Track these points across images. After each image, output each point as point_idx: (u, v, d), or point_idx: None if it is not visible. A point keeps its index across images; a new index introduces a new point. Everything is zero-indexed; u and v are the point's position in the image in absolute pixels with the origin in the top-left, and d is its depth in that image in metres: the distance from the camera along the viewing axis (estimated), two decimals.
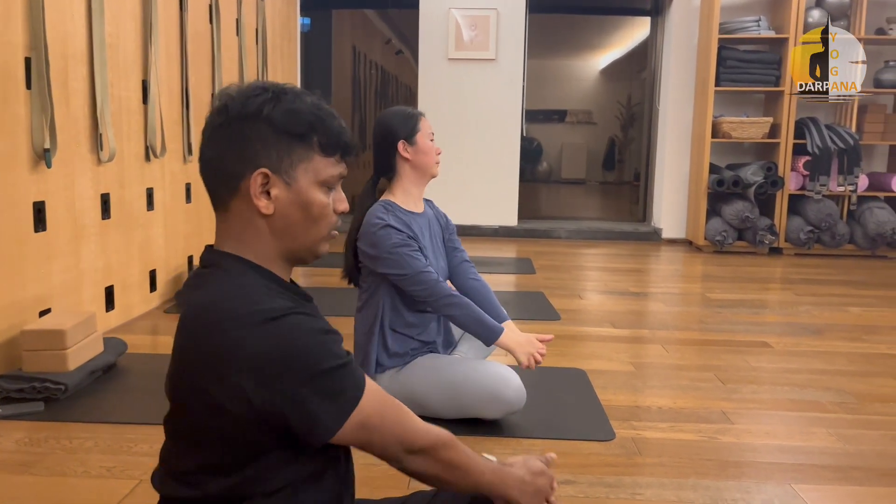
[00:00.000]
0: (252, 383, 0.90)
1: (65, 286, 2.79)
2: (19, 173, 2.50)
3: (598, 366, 2.81)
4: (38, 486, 1.80)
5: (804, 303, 4.02)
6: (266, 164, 0.97)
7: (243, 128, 0.97)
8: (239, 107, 0.97)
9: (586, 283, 4.57)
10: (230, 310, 0.92)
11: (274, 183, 0.97)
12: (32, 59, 2.52)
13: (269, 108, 0.96)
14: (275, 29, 5.39)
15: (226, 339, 0.91)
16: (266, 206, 0.98)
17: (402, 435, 0.99)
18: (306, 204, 0.99)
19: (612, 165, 11.94)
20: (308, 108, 0.98)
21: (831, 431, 2.22)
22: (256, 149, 0.97)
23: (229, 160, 0.98)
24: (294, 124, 0.97)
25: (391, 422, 0.98)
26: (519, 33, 6.25)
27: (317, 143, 0.98)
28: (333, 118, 1.00)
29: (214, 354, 0.91)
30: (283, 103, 0.97)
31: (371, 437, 0.97)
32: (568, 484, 1.84)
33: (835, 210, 5.52)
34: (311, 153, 0.98)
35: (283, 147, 0.97)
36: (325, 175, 1.00)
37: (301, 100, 0.99)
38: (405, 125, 2.20)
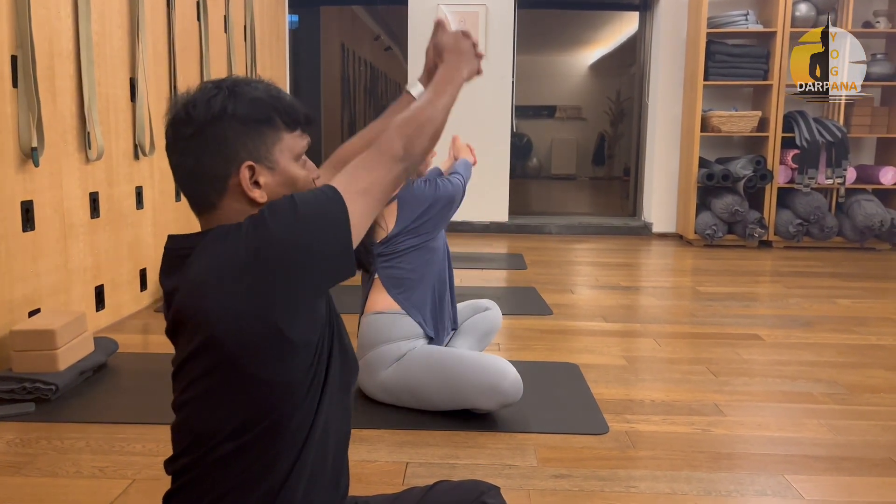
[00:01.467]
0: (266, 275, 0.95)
1: (54, 286, 2.77)
2: (6, 172, 2.48)
3: (590, 360, 2.82)
4: (30, 487, 1.78)
5: (794, 295, 4.04)
6: (248, 156, 1.01)
7: (216, 130, 1.00)
8: (203, 112, 1.00)
9: (577, 278, 4.58)
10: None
11: (259, 172, 1.01)
12: (19, 57, 2.50)
13: (232, 104, 1.00)
14: (263, 26, 5.36)
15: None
16: (260, 195, 1.01)
17: (378, 164, 1.05)
18: (292, 181, 1.04)
19: (602, 161, 11.97)
20: (263, 93, 1.03)
21: (823, 422, 2.24)
22: (235, 146, 1.00)
23: (212, 164, 1.01)
24: (258, 112, 1.01)
25: (365, 175, 1.03)
26: (508, 29, 6.24)
27: (281, 122, 1.03)
28: (286, 95, 1.06)
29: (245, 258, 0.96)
30: (241, 96, 1.01)
31: (371, 189, 1.03)
32: (562, 477, 1.84)
33: (823, 203, 5.55)
34: (279, 133, 1.03)
35: (256, 136, 1.01)
36: (298, 149, 1.06)
37: (254, 87, 1.03)
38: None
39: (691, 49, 5.91)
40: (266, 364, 0.95)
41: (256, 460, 0.98)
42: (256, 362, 0.95)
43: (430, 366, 2.17)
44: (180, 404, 1.02)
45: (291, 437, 0.99)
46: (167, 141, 1.04)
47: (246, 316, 0.93)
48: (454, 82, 1.18)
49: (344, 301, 3.74)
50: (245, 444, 0.97)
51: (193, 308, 0.96)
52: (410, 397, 2.21)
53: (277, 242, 0.94)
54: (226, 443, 0.97)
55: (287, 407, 0.98)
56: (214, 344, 0.94)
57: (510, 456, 1.96)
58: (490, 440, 2.06)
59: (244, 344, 0.94)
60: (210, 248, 0.98)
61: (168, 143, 1.03)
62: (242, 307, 0.93)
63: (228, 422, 0.97)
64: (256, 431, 0.97)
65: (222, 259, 0.95)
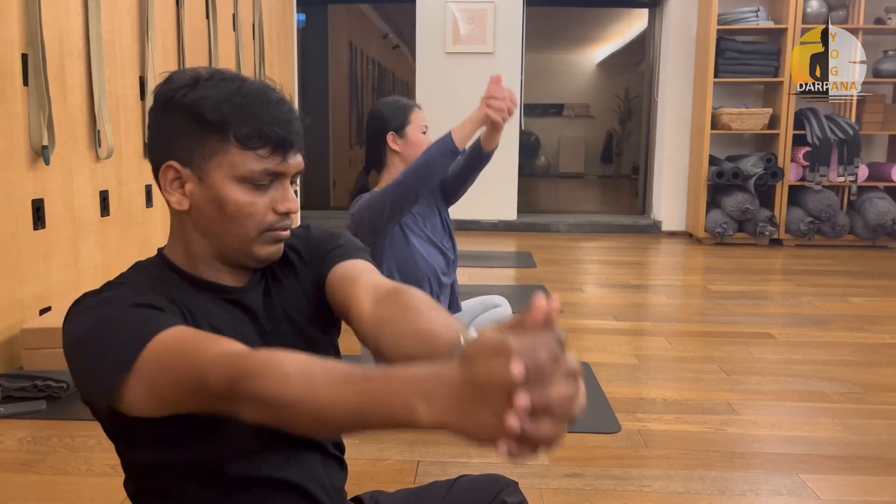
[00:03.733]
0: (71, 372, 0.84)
1: (64, 284, 2.78)
2: (17, 171, 2.49)
3: (601, 358, 2.80)
4: (42, 484, 1.79)
5: (806, 294, 4.01)
6: (177, 156, 0.89)
7: (158, 117, 0.90)
8: (156, 95, 0.90)
9: (587, 277, 4.56)
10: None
11: (186, 177, 0.89)
12: (29, 55, 2.50)
13: (182, 94, 0.87)
14: (271, 24, 5.37)
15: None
16: (178, 201, 0.90)
17: (189, 373, 0.73)
18: (219, 202, 0.88)
19: (610, 159, 11.95)
20: (227, 94, 0.87)
21: (837, 421, 2.21)
22: (169, 140, 0.89)
23: (152, 152, 0.92)
24: (206, 112, 0.86)
25: (182, 364, 0.74)
26: (516, 26, 6.22)
27: (233, 133, 0.86)
28: (263, 105, 0.87)
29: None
30: (199, 90, 0.87)
31: (172, 400, 0.76)
32: (574, 476, 1.83)
33: (835, 201, 5.51)
34: (226, 145, 0.87)
35: (196, 138, 0.87)
36: (244, 171, 0.87)
37: (223, 85, 0.88)
38: (396, 116, 2.17)
39: (701, 46, 5.87)
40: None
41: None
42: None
43: None
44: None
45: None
46: None
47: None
48: (381, 412, 0.59)
49: None
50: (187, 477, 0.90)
51: None
52: None
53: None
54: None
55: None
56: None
57: None
58: None
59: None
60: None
61: None
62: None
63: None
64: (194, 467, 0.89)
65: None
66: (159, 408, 0.78)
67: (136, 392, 0.77)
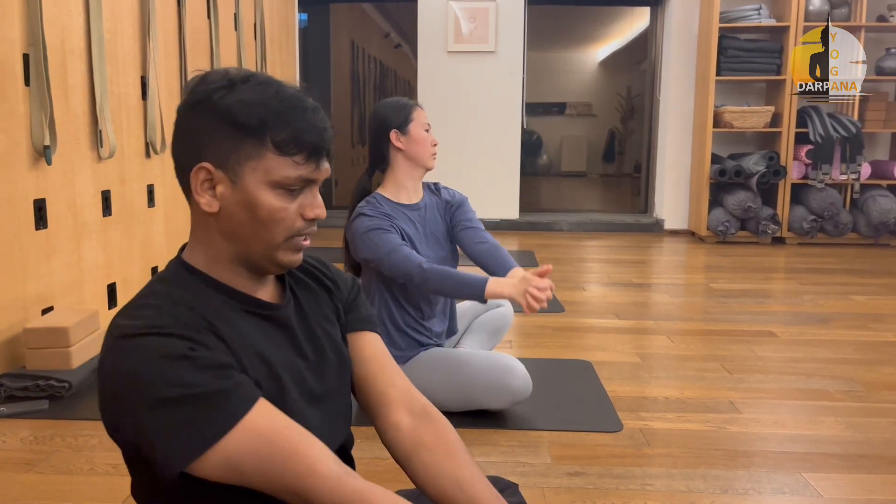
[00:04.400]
0: (102, 404, 0.84)
1: (67, 284, 2.78)
2: (19, 170, 2.49)
3: (603, 357, 2.80)
4: (44, 484, 1.79)
5: (808, 292, 4.00)
6: (211, 157, 0.88)
7: (191, 117, 0.89)
8: (190, 95, 0.89)
9: (589, 275, 4.55)
10: (113, 321, 0.87)
11: (219, 179, 0.88)
12: (31, 55, 2.50)
13: (220, 96, 0.87)
14: (273, 23, 5.37)
15: (100, 352, 0.87)
16: (208, 203, 0.89)
17: (296, 486, 0.82)
18: (252, 206, 0.88)
19: (612, 157, 11.92)
20: (266, 99, 0.87)
21: (840, 420, 2.21)
22: (202, 141, 0.88)
23: (181, 151, 0.91)
24: (245, 116, 0.86)
25: (279, 468, 0.81)
26: (518, 25, 6.22)
27: (270, 139, 0.87)
28: (300, 112, 0.88)
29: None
30: (237, 92, 0.87)
31: (250, 481, 0.82)
32: (577, 475, 1.82)
33: (837, 199, 5.50)
34: (262, 150, 0.87)
35: (232, 141, 0.87)
36: (279, 176, 0.88)
37: (261, 89, 0.88)
38: (398, 115, 2.18)
39: (703, 44, 5.86)
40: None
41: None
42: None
43: (436, 368, 2.15)
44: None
45: None
46: None
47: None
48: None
49: None
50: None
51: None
52: None
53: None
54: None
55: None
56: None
57: (524, 454, 1.95)
58: (503, 438, 2.05)
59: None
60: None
61: None
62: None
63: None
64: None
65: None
66: (231, 480, 0.82)
67: (211, 465, 0.80)
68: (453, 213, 2.32)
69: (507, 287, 1.97)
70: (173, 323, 0.84)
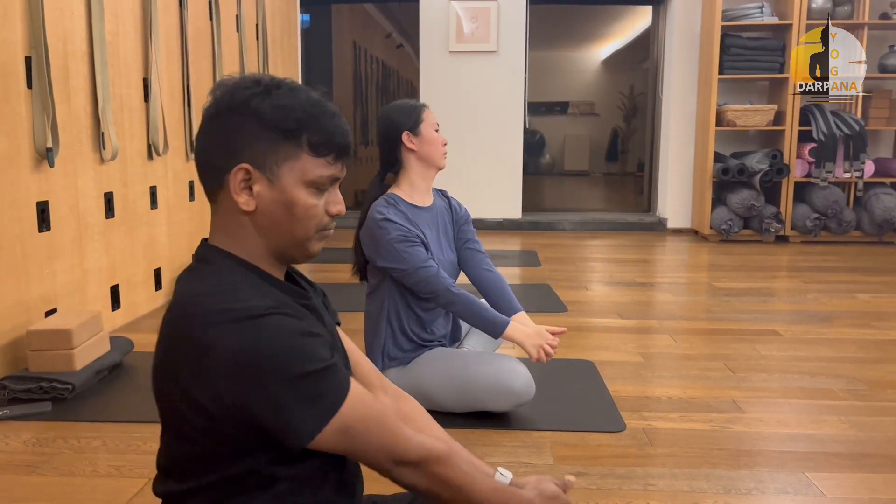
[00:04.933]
0: (225, 382, 0.87)
1: (70, 286, 2.78)
2: (22, 173, 2.49)
3: (606, 357, 2.79)
4: (47, 486, 1.79)
5: (812, 290, 3.99)
6: (249, 159, 0.94)
7: (230, 120, 0.94)
8: (228, 98, 0.94)
9: (592, 275, 4.55)
10: (212, 304, 0.90)
11: (256, 179, 0.94)
12: (33, 57, 2.51)
13: (258, 101, 0.93)
14: (275, 24, 5.37)
15: (203, 335, 0.88)
16: (246, 202, 0.95)
17: (390, 445, 0.94)
18: (289, 204, 0.95)
19: (616, 156, 11.89)
20: (300, 104, 0.94)
21: (843, 419, 2.20)
22: (241, 143, 0.94)
23: (215, 153, 0.95)
24: (282, 120, 0.93)
25: (377, 430, 0.93)
26: (520, 25, 6.22)
27: (306, 141, 0.94)
28: (330, 116, 0.95)
29: (192, 349, 0.89)
30: (274, 97, 0.93)
31: (354, 445, 0.93)
32: (579, 476, 1.82)
33: (841, 197, 5.49)
34: (299, 152, 0.94)
35: (269, 143, 0.93)
36: (313, 176, 0.95)
37: (294, 95, 0.94)
38: (409, 117, 2.18)
39: (705, 42, 5.85)
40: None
41: (261, 469, 0.95)
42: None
43: (438, 370, 2.15)
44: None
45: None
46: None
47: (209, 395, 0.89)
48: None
49: (359, 298, 3.70)
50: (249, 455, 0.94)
51: (164, 354, 0.94)
52: (421, 400, 2.17)
53: (222, 367, 0.88)
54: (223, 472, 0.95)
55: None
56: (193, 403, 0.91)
57: (526, 454, 1.95)
58: (505, 438, 2.05)
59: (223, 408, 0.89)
60: (186, 285, 0.96)
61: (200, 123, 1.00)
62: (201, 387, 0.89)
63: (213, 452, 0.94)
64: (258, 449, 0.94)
65: (170, 338, 0.93)
66: (340, 448, 0.93)
67: (332, 432, 0.90)
68: (460, 226, 2.34)
69: (525, 337, 2.08)
70: (281, 304, 0.93)
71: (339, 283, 3.82)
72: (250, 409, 0.88)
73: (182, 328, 0.91)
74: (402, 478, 0.97)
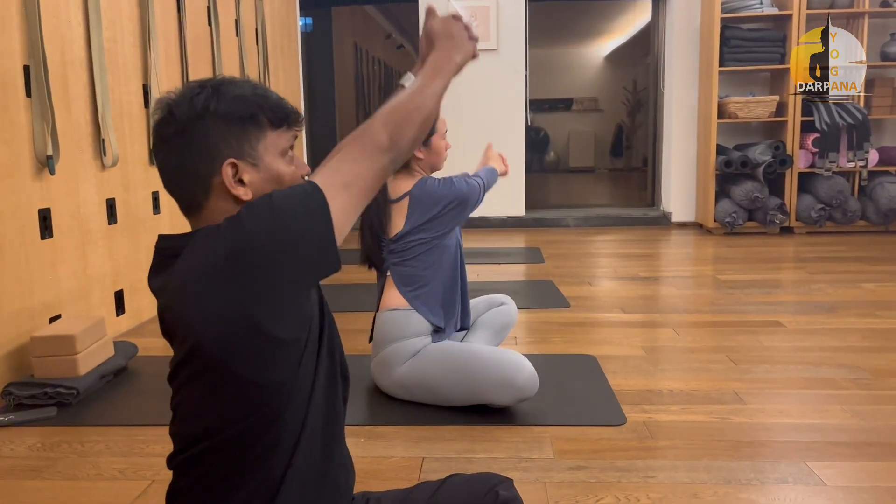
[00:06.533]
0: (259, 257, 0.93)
1: (74, 292, 2.81)
2: (23, 181, 2.51)
3: (608, 351, 2.79)
4: (52, 490, 1.81)
5: (817, 281, 3.98)
6: (230, 153, 1.00)
7: (198, 128, 1.00)
8: (186, 110, 1.00)
9: (596, 270, 4.54)
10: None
11: (243, 169, 1.01)
12: (31, 66, 2.53)
13: (214, 102, 1.00)
14: (274, 28, 5.39)
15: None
16: (244, 192, 1.01)
17: (362, 156, 1.01)
18: (277, 177, 1.03)
19: (620, 152, 11.86)
20: (248, 91, 1.03)
21: (846, 408, 2.20)
22: (217, 144, 1.00)
23: (196, 163, 1.00)
24: (241, 109, 1.01)
25: (349, 167, 1.00)
26: (519, 22, 6.21)
27: (265, 120, 1.02)
28: (271, 94, 1.05)
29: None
30: (224, 94, 1.01)
31: (355, 182, 1.00)
32: (579, 469, 1.83)
33: (845, 186, 5.46)
34: (264, 130, 1.03)
35: (239, 133, 1.01)
36: (282, 146, 1.05)
37: (239, 85, 1.03)
38: None
39: (706, 35, 5.84)
40: (253, 365, 0.94)
41: (249, 457, 0.99)
42: (244, 364, 0.94)
43: (444, 362, 2.17)
44: (176, 405, 1.04)
45: (282, 434, 0.99)
46: (153, 141, 1.04)
47: (229, 319, 0.92)
48: (445, 69, 1.13)
49: (359, 298, 3.71)
50: (237, 442, 0.98)
51: (179, 313, 0.97)
52: (426, 393, 2.21)
53: (255, 240, 0.92)
54: (218, 441, 0.98)
55: (277, 406, 0.98)
56: (201, 349, 0.94)
57: (527, 449, 1.95)
58: (506, 434, 2.05)
59: (229, 347, 0.93)
60: (195, 250, 0.97)
61: (154, 143, 1.04)
62: (225, 310, 0.92)
63: (220, 421, 0.97)
64: (247, 430, 0.97)
65: (203, 262, 0.94)
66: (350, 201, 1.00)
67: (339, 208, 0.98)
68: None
69: (488, 158, 2.79)
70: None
71: (342, 283, 3.83)
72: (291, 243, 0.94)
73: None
74: (394, 154, 1.04)
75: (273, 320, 0.94)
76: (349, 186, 0.99)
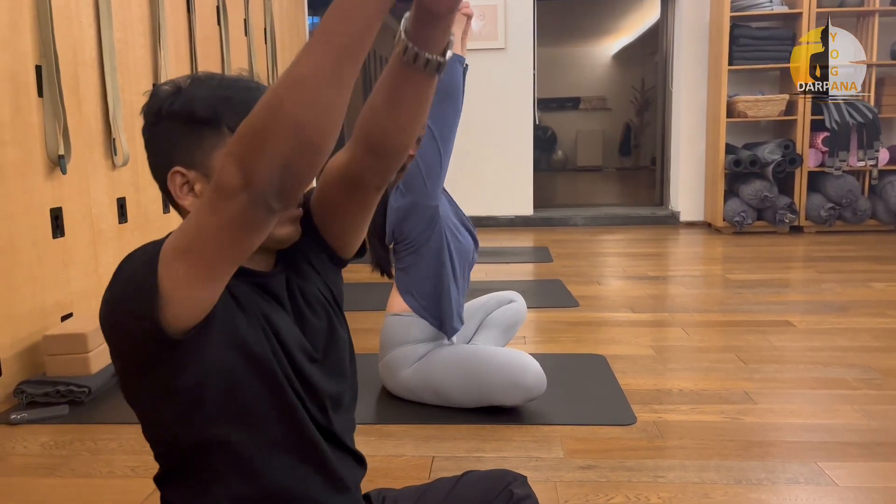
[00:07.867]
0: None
1: (85, 291, 2.82)
2: (35, 180, 2.53)
3: (617, 351, 2.79)
4: (65, 488, 1.82)
5: (827, 280, 3.96)
6: (180, 161, 0.91)
7: (156, 132, 0.93)
8: (147, 112, 0.93)
9: (604, 270, 4.54)
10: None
11: (195, 178, 0.91)
12: (43, 66, 2.55)
13: (169, 103, 0.91)
14: (283, 28, 5.40)
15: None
16: (192, 203, 0.91)
17: (206, 207, 0.76)
18: None
19: (629, 151, 11.84)
20: (211, 90, 0.91)
21: (856, 408, 2.19)
22: (168, 148, 0.91)
23: (155, 167, 0.95)
24: (196, 111, 0.89)
25: (192, 225, 0.78)
26: (528, 21, 6.21)
27: (225, 125, 0.89)
28: (245, 92, 0.91)
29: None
30: (184, 94, 0.91)
31: (193, 246, 0.79)
32: (589, 469, 1.83)
33: (855, 185, 5.43)
34: (222, 137, 0.90)
35: (193, 138, 0.90)
36: None
37: (204, 83, 0.91)
38: None
39: (715, 34, 5.82)
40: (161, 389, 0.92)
41: (229, 451, 0.94)
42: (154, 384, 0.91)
43: (450, 365, 2.17)
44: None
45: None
46: None
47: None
48: (341, 18, 0.76)
49: (369, 300, 3.72)
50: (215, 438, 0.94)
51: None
52: (433, 396, 2.21)
53: (103, 306, 0.86)
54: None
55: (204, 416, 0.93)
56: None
57: (537, 448, 1.96)
58: (516, 433, 2.06)
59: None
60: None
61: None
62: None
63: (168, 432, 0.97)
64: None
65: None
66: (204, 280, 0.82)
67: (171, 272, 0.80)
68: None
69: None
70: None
71: (349, 283, 3.84)
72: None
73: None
74: (256, 180, 0.74)
75: (149, 370, 0.88)
76: (186, 252, 0.78)
